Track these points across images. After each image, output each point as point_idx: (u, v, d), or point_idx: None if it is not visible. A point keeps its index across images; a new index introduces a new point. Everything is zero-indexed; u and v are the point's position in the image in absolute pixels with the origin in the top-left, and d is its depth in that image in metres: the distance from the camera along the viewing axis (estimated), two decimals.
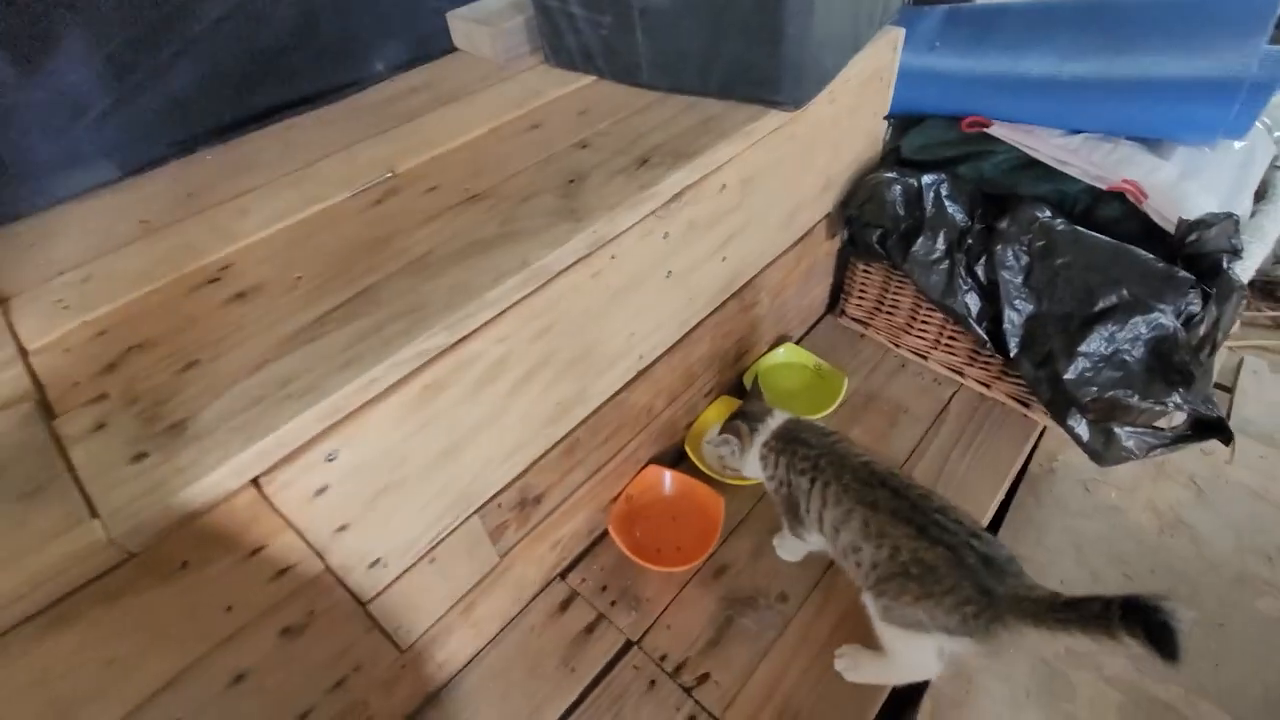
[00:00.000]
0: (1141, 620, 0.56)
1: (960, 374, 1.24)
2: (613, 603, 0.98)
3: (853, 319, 1.35)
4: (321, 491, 0.59)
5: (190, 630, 0.55)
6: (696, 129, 0.87)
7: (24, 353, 0.64)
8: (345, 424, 0.58)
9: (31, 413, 0.57)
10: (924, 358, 1.27)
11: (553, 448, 0.85)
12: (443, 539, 0.75)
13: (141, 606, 0.51)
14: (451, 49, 1.16)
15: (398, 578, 0.72)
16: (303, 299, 0.67)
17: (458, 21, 1.12)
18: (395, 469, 0.65)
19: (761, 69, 0.86)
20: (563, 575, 1.02)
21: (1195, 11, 1.05)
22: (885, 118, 1.19)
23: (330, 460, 0.58)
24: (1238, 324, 1.91)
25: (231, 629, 0.58)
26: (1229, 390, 1.57)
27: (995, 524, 1.25)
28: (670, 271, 0.87)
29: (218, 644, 0.58)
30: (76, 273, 0.73)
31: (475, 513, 0.78)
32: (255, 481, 0.54)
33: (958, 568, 0.69)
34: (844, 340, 1.35)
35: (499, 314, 0.67)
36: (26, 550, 0.46)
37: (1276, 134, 1.21)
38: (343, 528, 0.63)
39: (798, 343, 1.31)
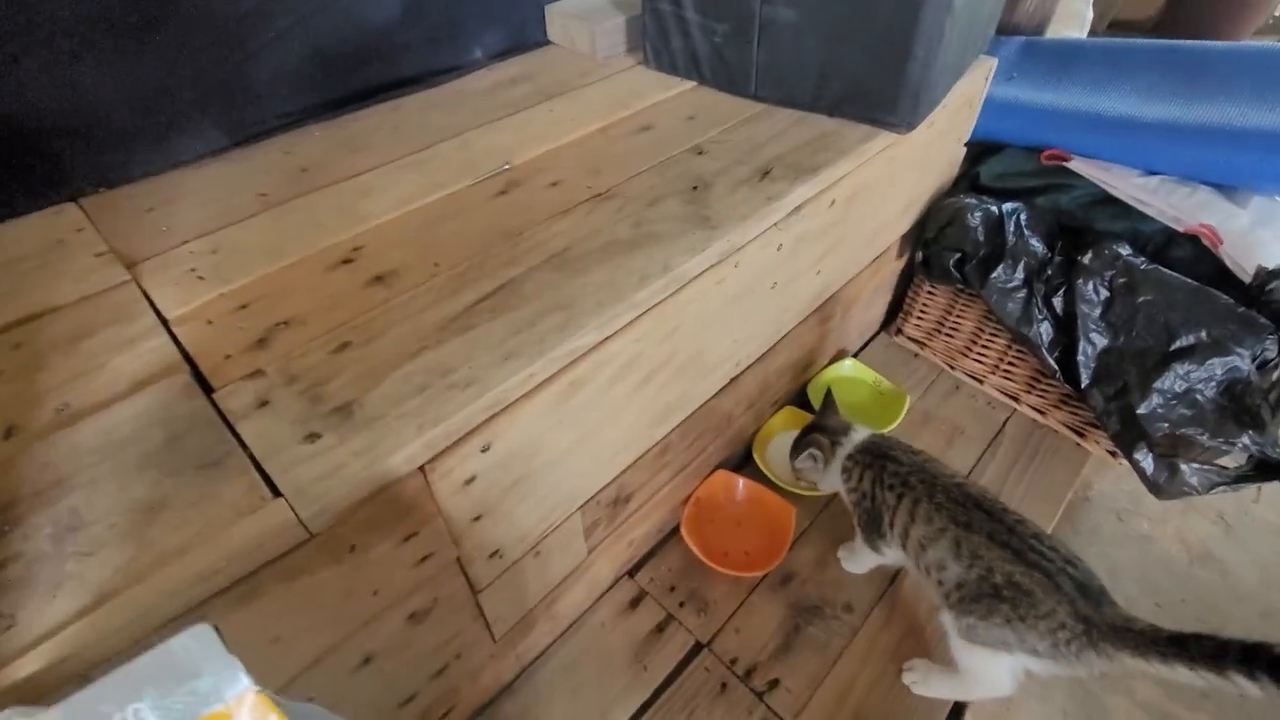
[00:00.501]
0: (1266, 665, 0.58)
1: (1016, 399, 1.27)
2: (681, 604, 1.00)
3: (909, 338, 1.37)
4: (471, 481, 0.59)
5: (344, 612, 0.56)
6: (813, 144, 0.88)
7: (165, 322, 0.63)
8: (501, 416, 0.59)
9: (189, 384, 0.57)
10: (980, 381, 1.30)
11: (652, 447, 0.86)
12: (549, 533, 0.76)
13: (313, 587, 0.51)
14: (545, 42, 1.16)
15: (508, 569, 0.73)
16: (445, 287, 0.67)
17: (556, 15, 1.12)
18: (530, 461, 0.65)
19: (880, 89, 0.88)
20: (631, 574, 1.03)
21: (1277, 63, 1.09)
22: (964, 143, 1.21)
23: (484, 451, 0.58)
24: None
25: (374, 611, 0.58)
26: None
27: None
28: (776, 283, 0.88)
29: (360, 626, 0.58)
30: (202, 242, 0.73)
31: (579, 509, 0.79)
32: (422, 469, 0.54)
33: (1055, 593, 0.71)
34: (898, 358, 1.37)
35: (640, 315, 0.68)
36: (221, 526, 0.46)
37: None
38: (478, 517, 0.63)
39: (854, 357, 1.33)
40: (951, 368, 1.33)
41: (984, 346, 1.25)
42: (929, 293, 1.28)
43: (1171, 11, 3.34)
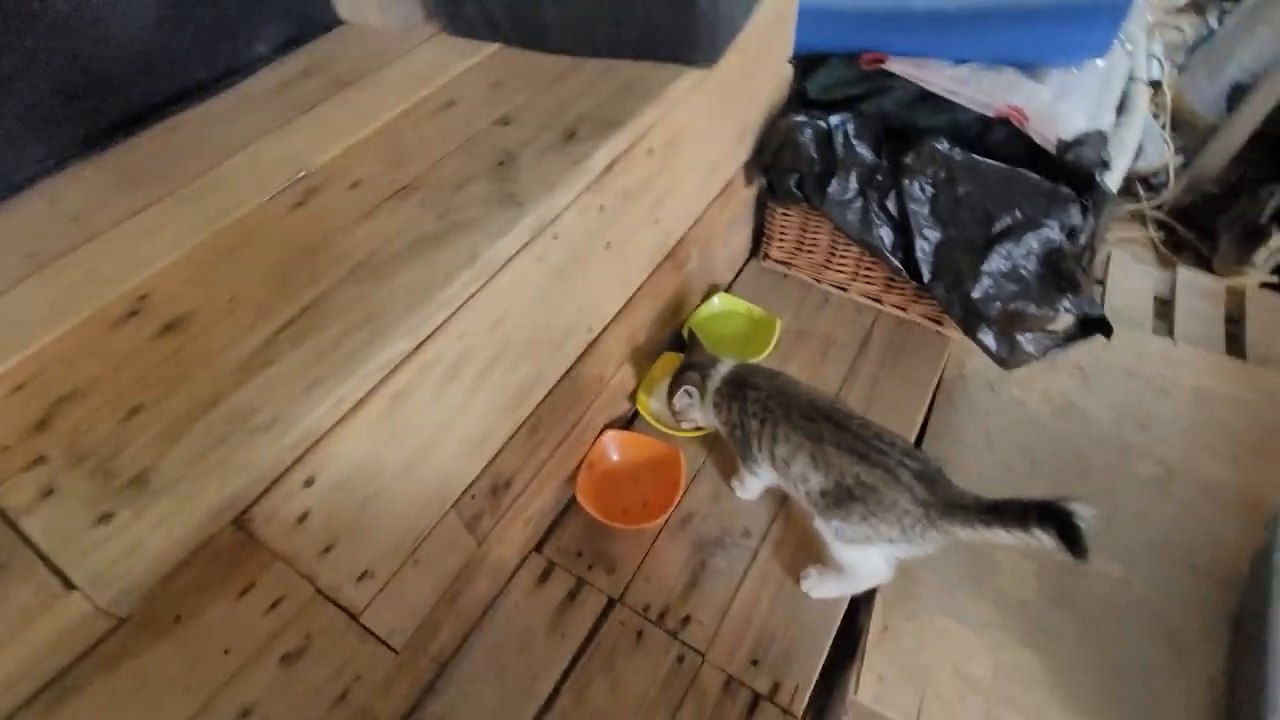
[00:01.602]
0: (1054, 522, 0.66)
1: (879, 301, 1.33)
2: (590, 566, 1.03)
3: (776, 261, 1.41)
4: (304, 518, 0.58)
5: (196, 678, 0.54)
6: (619, 94, 0.86)
7: None
8: (319, 447, 0.57)
9: None
10: (845, 290, 1.35)
11: (517, 431, 0.86)
12: (423, 540, 0.76)
13: (142, 667, 0.49)
14: (337, 21, 1.08)
15: (385, 584, 0.73)
16: (243, 322, 0.63)
17: None
18: (372, 480, 0.64)
19: (676, 28, 0.86)
20: (538, 548, 1.04)
21: None
22: (789, 60, 1.21)
23: (308, 485, 0.57)
24: None
25: (233, 668, 0.58)
26: (1101, 283, 1.77)
27: (922, 432, 1.38)
28: (609, 243, 0.88)
29: (221, 685, 0.57)
30: None
31: (451, 508, 0.79)
32: (236, 521, 0.53)
33: (896, 485, 0.78)
34: (770, 282, 1.41)
35: (455, 311, 0.66)
36: (10, 635, 0.44)
37: (1129, 46, 1.33)
38: (328, 548, 0.62)
39: (728, 290, 1.35)
40: (818, 282, 1.37)
41: (841, 257, 1.30)
42: (783, 215, 1.31)
43: None
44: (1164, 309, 1.69)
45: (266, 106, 0.91)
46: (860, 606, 1.12)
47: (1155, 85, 2.61)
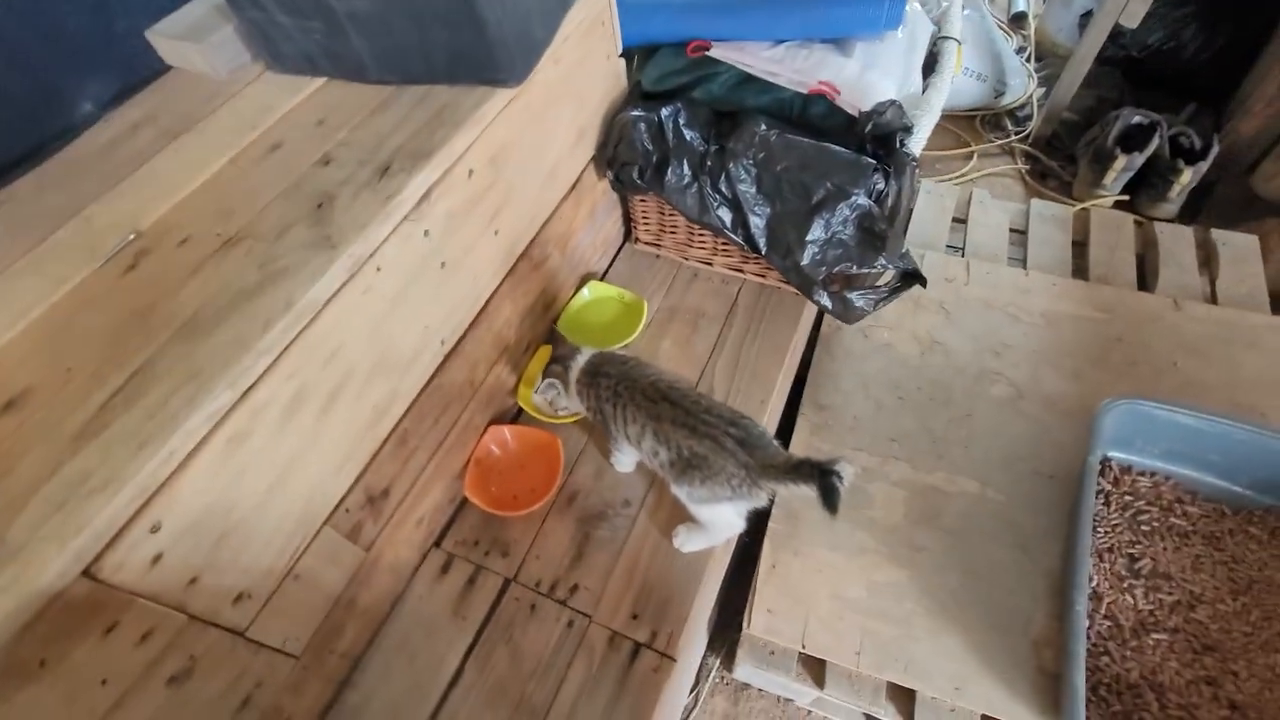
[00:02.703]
0: (821, 480, 0.78)
1: (741, 271, 1.42)
2: (486, 553, 1.12)
3: (646, 244, 1.49)
4: (157, 559, 0.66)
5: (74, 712, 0.62)
6: (431, 123, 0.92)
7: None
8: (159, 496, 0.64)
9: None
10: (709, 264, 1.44)
11: (382, 445, 0.93)
12: (300, 556, 0.84)
13: (16, 709, 0.57)
14: (165, 68, 1.10)
15: (266, 601, 0.81)
16: (80, 392, 0.69)
17: (161, 40, 1.06)
18: (224, 517, 0.72)
19: (476, 54, 0.92)
20: (437, 544, 1.13)
21: None
22: (620, 55, 1.27)
23: (155, 531, 0.64)
24: (975, 158, 2.25)
25: (115, 696, 0.65)
26: (963, 221, 1.89)
27: (798, 387, 1.49)
28: (444, 262, 0.94)
29: (106, 713, 0.65)
30: None
31: (325, 524, 0.87)
32: (86, 573, 0.60)
33: (721, 452, 0.88)
34: (644, 264, 1.49)
35: (279, 356, 0.73)
36: None
37: (944, 3, 1.42)
38: (193, 580, 0.70)
39: (602, 277, 1.43)
40: (685, 260, 1.46)
41: (700, 235, 1.39)
42: (641, 201, 1.39)
43: None
44: (1020, 239, 1.82)
45: (97, 167, 0.94)
46: (752, 546, 1.25)
47: (1021, 17, 2.72)
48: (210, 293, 0.76)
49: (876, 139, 1.11)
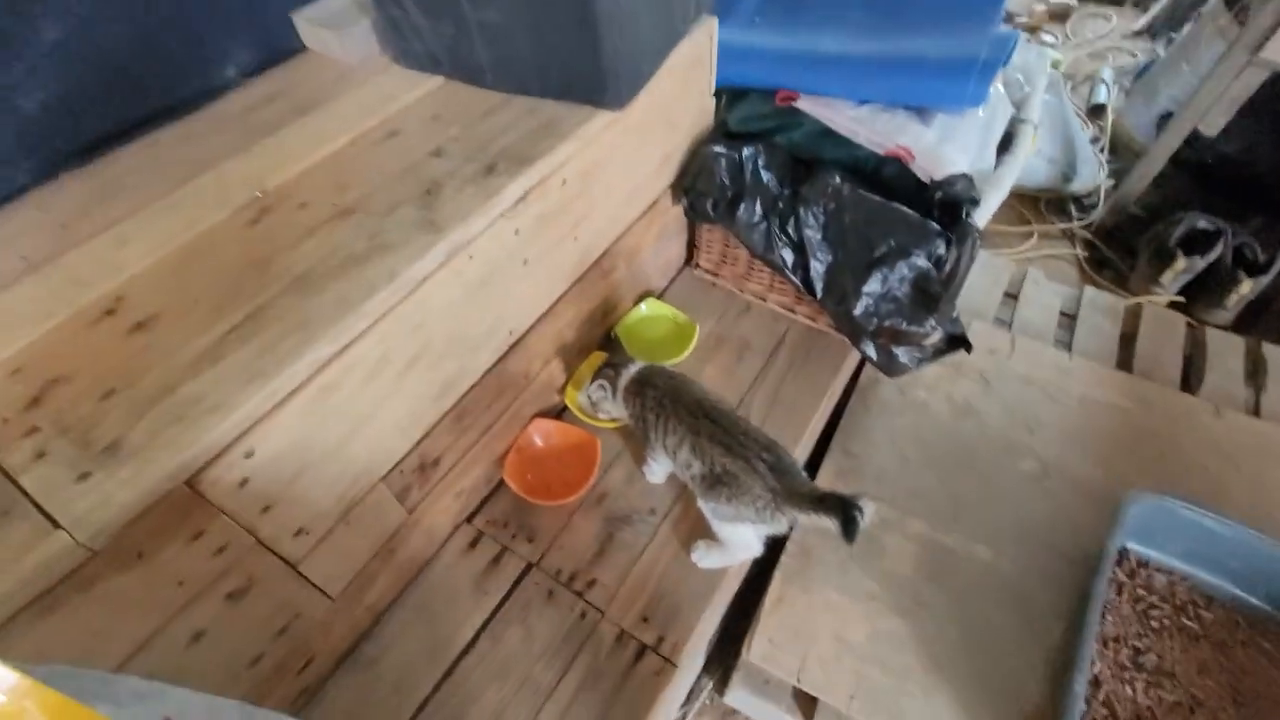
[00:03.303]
0: (842, 513, 0.82)
1: (793, 311, 1.48)
2: (513, 536, 1.18)
3: (705, 270, 1.55)
4: (244, 483, 0.73)
5: (153, 603, 0.70)
6: (538, 132, 1.00)
7: None
8: (257, 427, 0.72)
9: None
10: (763, 300, 1.50)
11: (443, 418, 1.01)
12: (354, 505, 0.91)
13: (110, 590, 0.64)
14: (303, 48, 1.21)
15: (320, 540, 0.88)
16: (202, 323, 0.78)
17: (304, 23, 1.17)
18: (303, 455, 0.79)
19: (588, 77, 1.00)
20: (469, 519, 1.20)
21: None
22: (714, 94, 1.35)
23: (248, 457, 0.72)
24: (1035, 237, 2.28)
25: (185, 599, 0.73)
26: (1015, 297, 1.92)
27: (829, 431, 1.53)
28: (526, 260, 1.02)
29: (176, 611, 0.72)
30: None
31: (381, 480, 0.94)
32: (188, 483, 0.68)
33: (752, 474, 0.93)
34: (699, 289, 1.56)
35: (375, 321, 0.81)
36: (10, 560, 0.59)
37: (1026, 89, 1.47)
38: (267, 508, 0.77)
39: (659, 296, 1.50)
40: (741, 291, 1.52)
41: (759, 270, 1.45)
42: (708, 230, 1.45)
43: None
44: (1068, 323, 1.85)
45: (233, 129, 1.05)
46: (762, 577, 1.28)
47: (1100, 109, 2.76)
48: (322, 254, 0.85)
49: (944, 207, 1.17)
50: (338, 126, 1.04)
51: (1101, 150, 2.49)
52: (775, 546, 1.25)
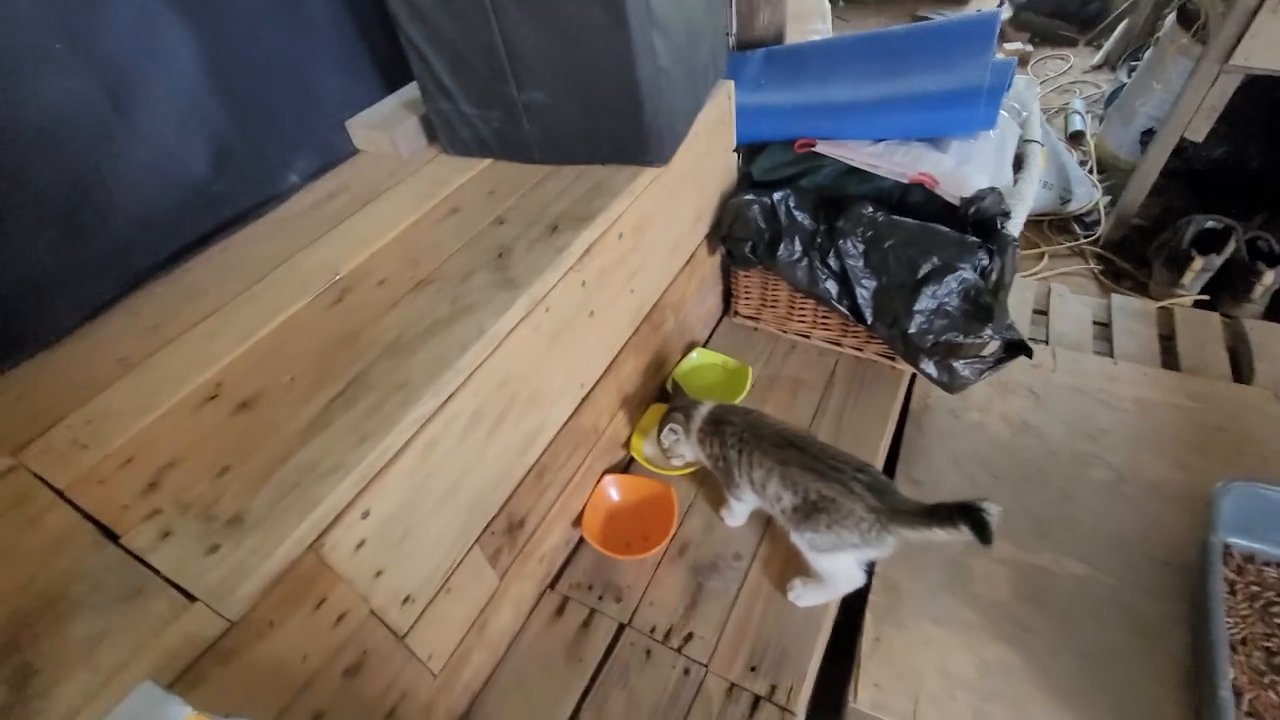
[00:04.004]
0: (970, 518, 0.81)
1: (839, 345, 1.50)
2: (600, 597, 1.15)
3: (745, 317, 1.59)
4: (361, 545, 0.73)
5: (282, 679, 0.67)
6: (590, 193, 1.06)
7: (59, 493, 0.73)
8: (371, 486, 0.72)
9: (97, 538, 0.67)
10: (807, 338, 1.52)
11: (528, 473, 1.01)
12: (454, 570, 0.89)
13: (245, 662, 0.63)
14: (355, 151, 1.30)
15: (424, 610, 0.86)
16: (303, 396, 0.80)
17: (358, 128, 1.26)
18: (411, 514, 0.79)
19: (632, 140, 1.07)
20: (552, 585, 1.17)
21: (942, 38, 1.38)
22: (734, 150, 1.43)
23: (365, 518, 0.72)
24: (1045, 258, 2.34)
25: (308, 675, 0.70)
26: (1045, 313, 1.95)
27: (894, 456, 1.52)
28: (592, 312, 1.05)
29: (302, 687, 0.70)
30: (77, 416, 0.82)
31: (475, 542, 0.93)
32: (312, 547, 0.67)
33: (850, 496, 0.92)
34: (742, 336, 1.58)
35: (469, 376, 0.83)
36: (154, 634, 0.58)
37: (1024, 114, 1.56)
38: (379, 573, 0.76)
39: (705, 345, 1.53)
40: (784, 332, 1.55)
41: (800, 309, 1.48)
42: (745, 276, 1.50)
43: None
44: (1102, 332, 1.86)
45: (301, 225, 1.11)
46: (853, 618, 1.23)
47: (1079, 135, 2.90)
48: (409, 321, 0.88)
49: (977, 222, 1.21)
50: (400, 211, 1.10)
51: (1090, 171, 2.60)
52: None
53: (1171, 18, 2.37)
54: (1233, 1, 1.76)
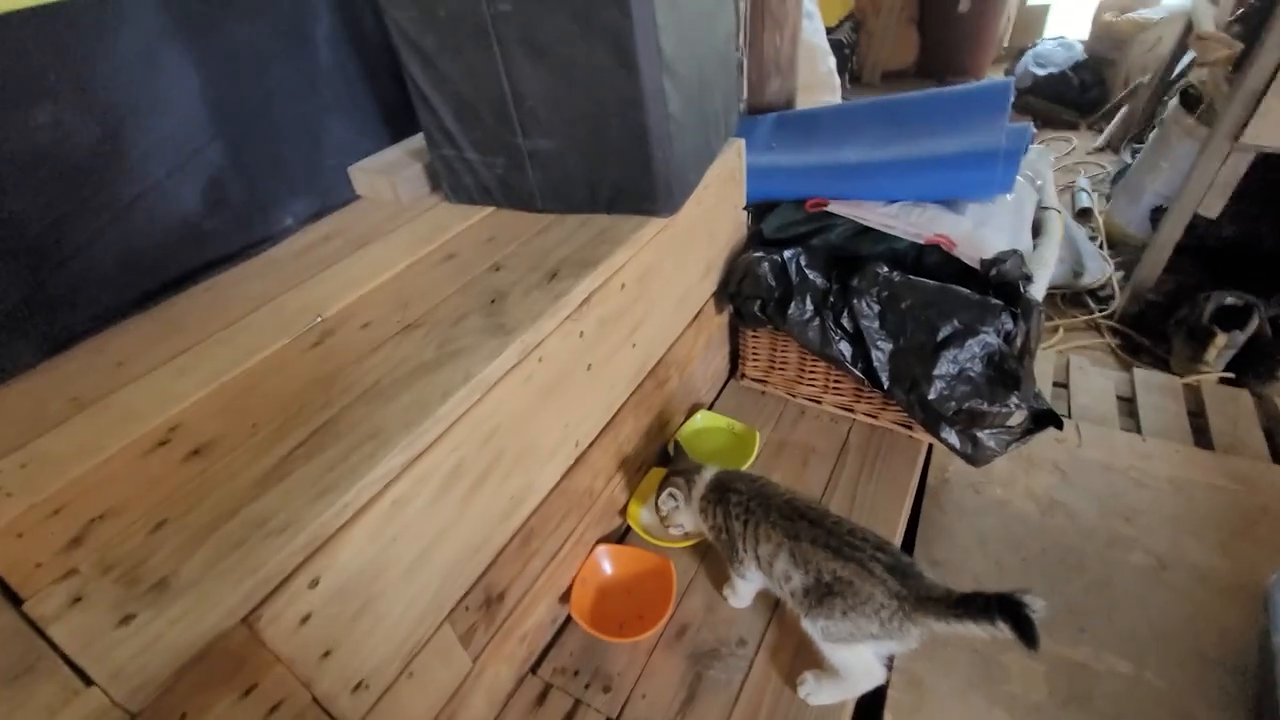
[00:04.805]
0: (1010, 613, 0.70)
1: (851, 411, 1.41)
2: (586, 685, 1.02)
3: (752, 379, 1.51)
4: (306, 620, 0.62)
5: None
6: (593, 241, 1.01)
7: None
8: (325, 549, 0.63)
9: None
10: (818, 402, 1.44)
11: (511, 540, 0.90)
12: (419, 651, 0.78)
13: None
14: (355, 197, 1.26)
15: (379, 698, 0.74)
16: (263, 443, 0.71)
17: (359, 173, 1.23)
18: (371, 585, 0.69)
19: (639, 188, 1.03)
20: (534, 669, 1.04)
21: (957, 103, 1.37)
22: (744, 208, 1.40)
23: (312, 587, 0.62)
24: (1060, 331, 2.28)
25: None
26: (1065, 386, 1.87)
27: (910, 534, 1.40)
28: (590, 365, 0.98)
29: None
30: (11, 459, 0.74)
31: (445, 619, 0.82)
32: (246, 620, 0.57)
33: (870, 578, 0.81)
34: (749, 399, 1.50)
35: (450, 426, 0.75)
36: None
37: (1039, 182, 1.54)
38: (327, 654, 0.66)
39: (710, 408, 1.44)
40: (793, 396, 1.47)
41: (811, 372, 1.41)
42: (753, 336, 1.44)
43: (925, 57, 4.00)
44: (1126, 406, 1.78)
45: (291, 266, 1.06)
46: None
47: (1087, 212, 2.90)
48: (390, 366, 0.81)
49: (998, 286, 1.15)
50: (394, 255, 1.05)
51: (1101, 246, 2.58)
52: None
53: (1174, 101, 2.41)
54: (1236, 86, 1.78)
